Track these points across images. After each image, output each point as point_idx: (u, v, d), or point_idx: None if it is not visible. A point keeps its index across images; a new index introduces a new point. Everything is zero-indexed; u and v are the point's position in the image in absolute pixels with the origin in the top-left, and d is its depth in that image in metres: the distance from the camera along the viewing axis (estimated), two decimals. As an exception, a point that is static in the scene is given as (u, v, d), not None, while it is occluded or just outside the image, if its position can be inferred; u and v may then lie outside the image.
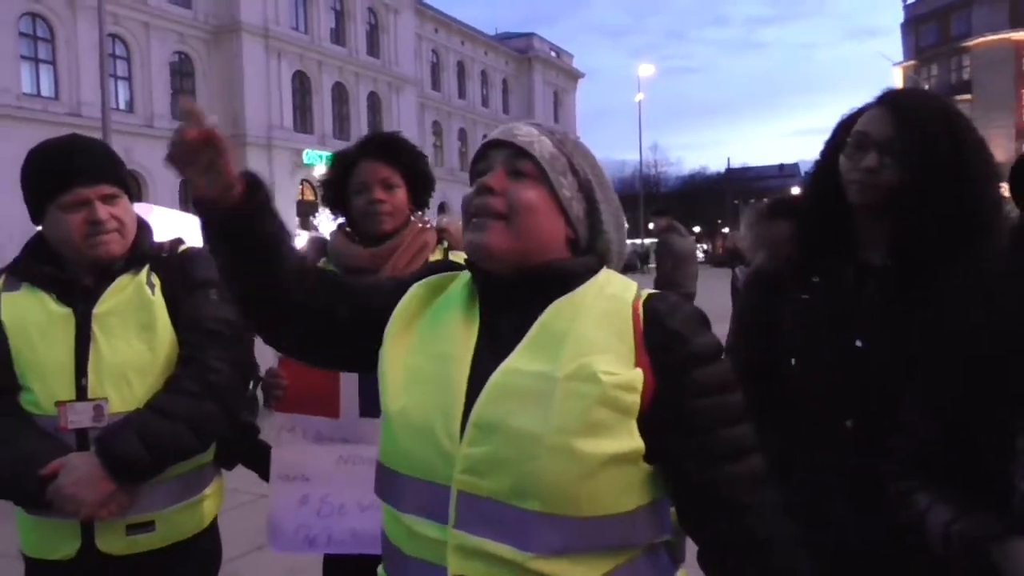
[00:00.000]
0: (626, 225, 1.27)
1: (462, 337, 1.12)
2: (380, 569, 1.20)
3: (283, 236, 1.20)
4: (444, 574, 1.04)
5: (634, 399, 1.03)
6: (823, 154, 1.69)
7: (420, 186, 2.20)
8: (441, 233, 2.26)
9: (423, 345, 1.15)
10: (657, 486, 1.08)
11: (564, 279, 1.13)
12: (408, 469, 1.09)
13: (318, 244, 2.27)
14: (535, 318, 1.09)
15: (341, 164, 2.19)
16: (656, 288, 6.51)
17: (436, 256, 2.17)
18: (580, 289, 1.12)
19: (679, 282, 9.33)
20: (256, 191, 1.16)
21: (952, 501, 1.23)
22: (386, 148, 2.15)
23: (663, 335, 1.07)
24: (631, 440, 1.03)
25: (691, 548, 1.20)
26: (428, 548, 1.06)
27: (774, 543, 1.07)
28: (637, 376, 1.04)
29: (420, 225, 2.18)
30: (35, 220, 1.78)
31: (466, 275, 1.22)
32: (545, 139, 1.17)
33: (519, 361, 1.06)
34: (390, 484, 1.13)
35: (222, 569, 2.02)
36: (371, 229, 2.12)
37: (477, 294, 1.18)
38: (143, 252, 1.81)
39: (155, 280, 1.79)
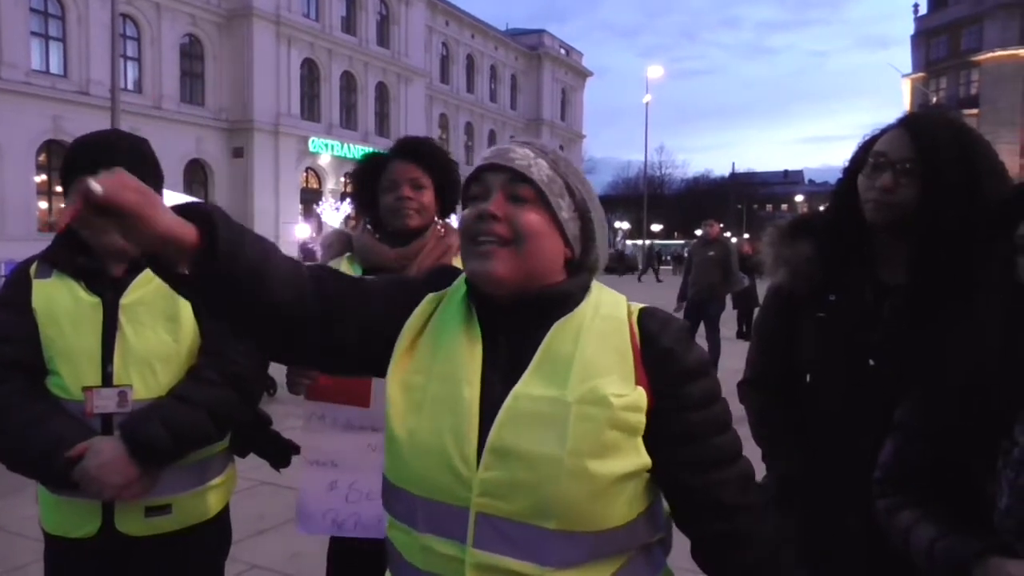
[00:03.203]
0: (607, 229, 1.30)
1: (467, 358, 1.13)
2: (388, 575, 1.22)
3: (264, 263, 1.04)
4: None
5: (640, 418, 1.08)
6: (844, 173, 1.72)
7: (449, 191, 2.25)
8: None
9: (427, 364, 1.15)
10: (654, 491, 1.15)
11: (563, 302, 1.16)
12: (421, 491, 1.10)
13: (344, 238, 2.32)
14: (536, 338, 1.13)
15: (373, 163, 2.26)
16: (700, 290, 6.47)
17: (459, 259, 2.24)
18: (578, 309, 1.15)
19: (723, 288, 9.21)
20: (212, 230, 0.99)
21: (936, 519, 1.26)
22: (418, 150, 2.22)
23: (659, 353, 1.12)
24: (639, 457, 1.09)
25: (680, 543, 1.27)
26: (445, 565, 1.08)
27: (762, 540, 1.16)
28: (641, 395, 1.09)
29: (441, 229, 2.24)
30: None
31: (461, 289, 1.22)
32: (541, 161, 1.17)
33: (529, 386, 1.09)
34: (401, 503, 1.14)
35: (222, 553, 2.07)
36: (397, 225, 2.18)
37: (475, 312, 1.19)
38: None
39: None
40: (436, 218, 2.25)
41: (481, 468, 1.06)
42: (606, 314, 1.15)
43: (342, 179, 37.62)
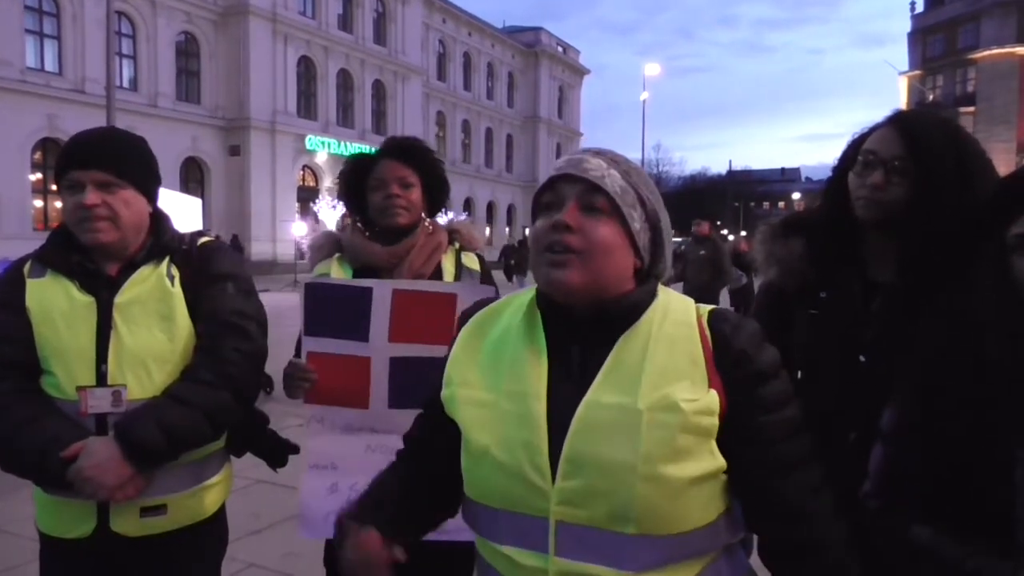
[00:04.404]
0: (672, 235, 1.30)
1: (534, 372, 1.15)
2: None
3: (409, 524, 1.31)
4: None
5: (712, 421, 1.09)
6: (834, 171, 1.73)
7: (436, 190, 2.28)
8: (452, 234, 2.33)
9: (494, 382, 1.18)
10: (732, 493, 1.16)
11: (633, 311, 1.17)
12: (501, 504, 1.13)
13: (332, 239, 2.33)
14: (604, 348, 1.14)
15: (361, 162, 2.28)
16: (694, 288, 6.50)
17: (449, 256, 2.25)
18: (645, 316, 1.16)
19: (716, 285, 9.35)
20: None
21: (954, 536, 1.22)
22: (405, 149, 2.24)
23: (731, 355, 1.13)
24: (713, 460, 1.10)
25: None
26: (529, 575, 1.11)
27: (830, 546, 1.16)
28: (714, 399, 1.10)
29: (429, 227, 2.26)
30: None
31: (519, 305, 1.25)
32: (614, 171, 1.18)
33: (600, 394, 1.10)
34: (483, 518, 1.18)
35: (218, 552, 2.06)
36: (387, 223, 2.20)
37: (540, 323, 1.20)
38: (164, 244, 1.85)
39: (174, 272, 1.83)
40: (424, 215, 2.26)
41: (559, 478, 1.09)
42: (675, 320, 1.16)
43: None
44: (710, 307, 1.20)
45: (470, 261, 2.29)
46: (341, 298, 2.06)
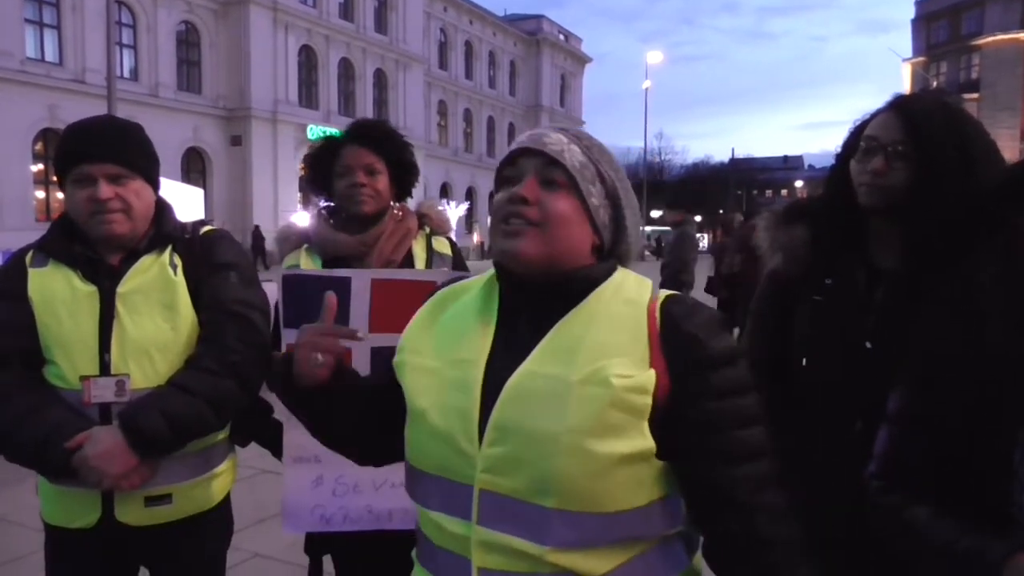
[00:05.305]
0: (640, 218, 1.28)
1: (478, 341, 1.16)
2: (413, 554, 1.26)
3: (354, 399, 1.31)
4: (469, 566, 1.10)
5: (645, 401, 1.06)
6: (837, 159, 1.72)
7: (404, 175, 2.25)
8: (422, 218, 2.31)
9: (442, 351, 1.19)
10: (670, 481, 1.11)
11: (587, 285, 1.16)
12: (432, 469, 1.14)
13: (299, 228, 2.31)
14: (553, 320, 1.13)
15: (328, 147, 2.25)
16: (666, 277, 6.52)
17: (419, 242, 2.24)
18: (595, 292, 1.15)
19: (687, 271, 9.75)
20: (342, 376, 1.29)
21: (953, 516, 1.22)
22: (371, 135, 2.20)
23: (679, 338, 1.10)
24: (642, 440, 1.06)
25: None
26: (454, 542, 1.12)
27: (776, 545, 1.10)
28: (650, 378, 1.07)
29: (398, 213, 2.23)
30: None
31: (480, 281, 1.26)
32: (574, 147, 1.18)
33: (535, 364, 1.10)
34: (417, 483, 1.19)
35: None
36: (352, 211, 2.17)
37: (497, 296, 1.21)
38: (166, 233, 1.84)
39: (177, 261, 1.82)
40: (393, 202, 2.23)
41: (484, 444, 1.09)
42: (625, 298, 1.15)
43: (340, 167, 37.45)
44: (670, 292, 1.19)
45: (441, 246, 2.28)
46: (319, 289, 2.03)
